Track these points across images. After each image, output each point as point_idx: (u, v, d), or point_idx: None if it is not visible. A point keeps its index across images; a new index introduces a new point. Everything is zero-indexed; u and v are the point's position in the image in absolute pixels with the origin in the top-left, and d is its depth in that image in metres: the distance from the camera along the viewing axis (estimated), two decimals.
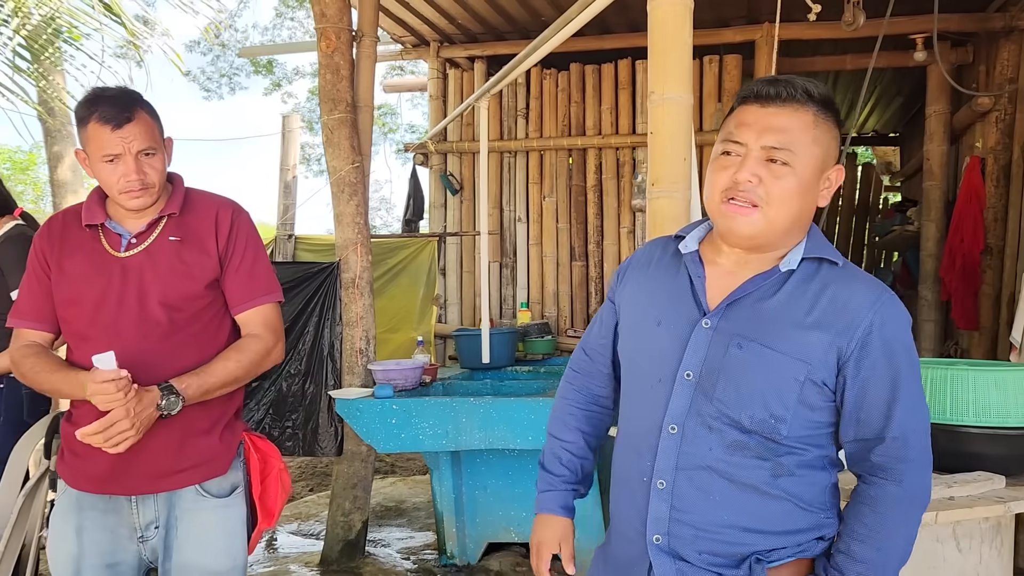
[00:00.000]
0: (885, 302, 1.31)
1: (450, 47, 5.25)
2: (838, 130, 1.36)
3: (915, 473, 1.30)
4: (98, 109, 1.80)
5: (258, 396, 3.94)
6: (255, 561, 4.14)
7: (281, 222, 5.22)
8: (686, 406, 1.33)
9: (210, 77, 20.18)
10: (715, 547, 1.32)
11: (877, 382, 1.29)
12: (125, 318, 1.85)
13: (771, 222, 1.29)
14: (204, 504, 1.89)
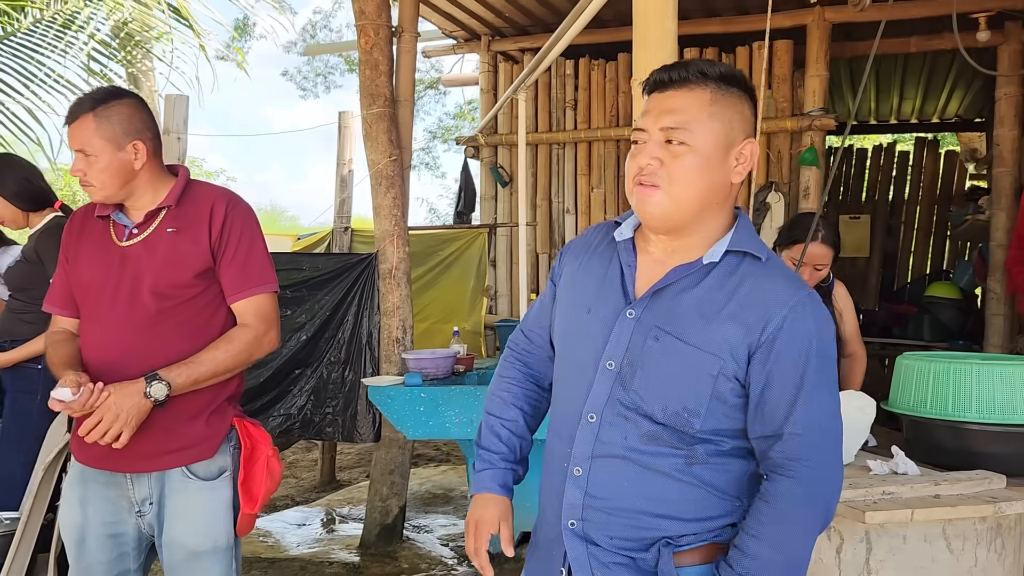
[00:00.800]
0: (800, 300, 1.29)
1: (501, 40, 5.28)
2: (748, 104, 1.34)
3: (814, 473, 1.27)
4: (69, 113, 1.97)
5: (300, 383, 4.10)
6: (303, 541, 4.31)
7: (338, 215, 5.38)
8: (605, 395, 1.33)
9: (306, 76, 20.87)
10: (626, 532, 1.32)
11: (781, 379, 1.27)
12: (118, 305, 1.95)
13: (675, 200, 1.29)
14: (190, 486, 1.96)
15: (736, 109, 1.32)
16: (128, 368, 1.90)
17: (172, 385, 1.88)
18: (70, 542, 2.02)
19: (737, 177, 1.33)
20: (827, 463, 1.29)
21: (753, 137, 1.36)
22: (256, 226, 2.10)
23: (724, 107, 1.31)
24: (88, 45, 4.89)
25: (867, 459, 2.10)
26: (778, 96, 4.50)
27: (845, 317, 2.90)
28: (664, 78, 1.33)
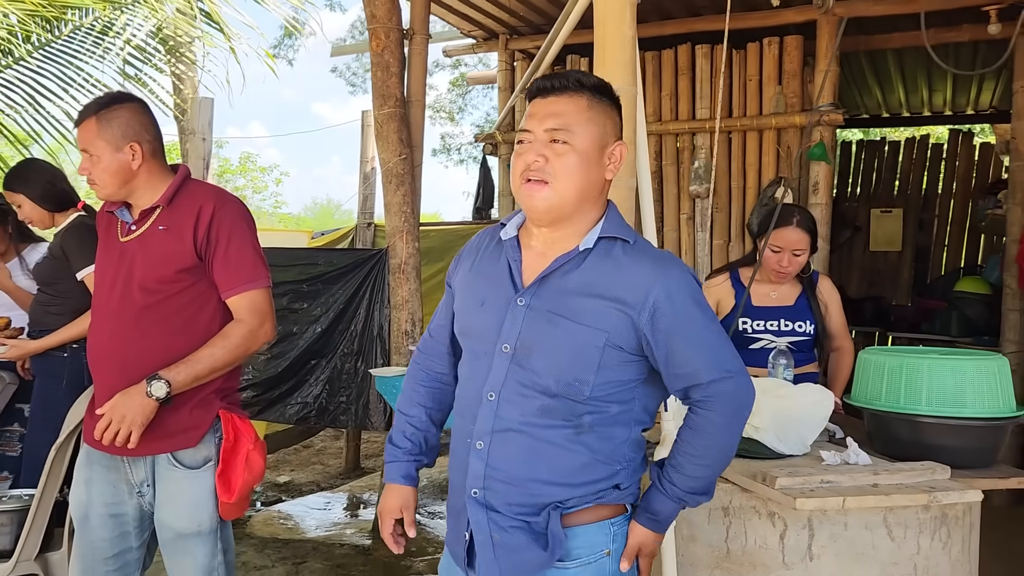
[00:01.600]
0: (667, 271, 1.47)
1: (518, 39, 5.38)
2: (616, 112, 1.54)
3: (729, 403, 1.48)
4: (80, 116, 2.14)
5: (316, 373, 4.28)
6: (321, 524, 4.50)
7: (361, 211, 5.56)
8: (503, 375, 1.48)
9: (355, 72, 21.23)
10: (521, 499, 1.48)
11: (677, 340, 1.45)
12: (112, 298, 2.12)
13: (560, 194, 1.46)
14: (176, 473, 2.10)
15: (608, 115, 1.51)
16: (113, 357, 2.06)
17: (172, 383, 2.01)
18: (75, 519, 2.20)
19: (610, 174, 1.52)
20: (738, 391, 1.49)
21: (622, 140, 1.53)
22: (246, 224, 2.21)
23: (598, 112, 1.49)
24: (124, 50, 5.14)
25: (821, 450, 2.17)
26: (788, 92, 4.51)
27: (831, 310, 2.94)
28: (547, 86, 1.49)
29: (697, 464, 1.50)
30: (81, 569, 2.18)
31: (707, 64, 4.71)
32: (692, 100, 4.80)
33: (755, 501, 2.00)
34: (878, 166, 7.32)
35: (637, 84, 2.22)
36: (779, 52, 4.55)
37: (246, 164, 22.45)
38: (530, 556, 1.47)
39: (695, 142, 4.78)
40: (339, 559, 3.80)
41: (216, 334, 2.13)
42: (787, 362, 2.58)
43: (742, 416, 1.50)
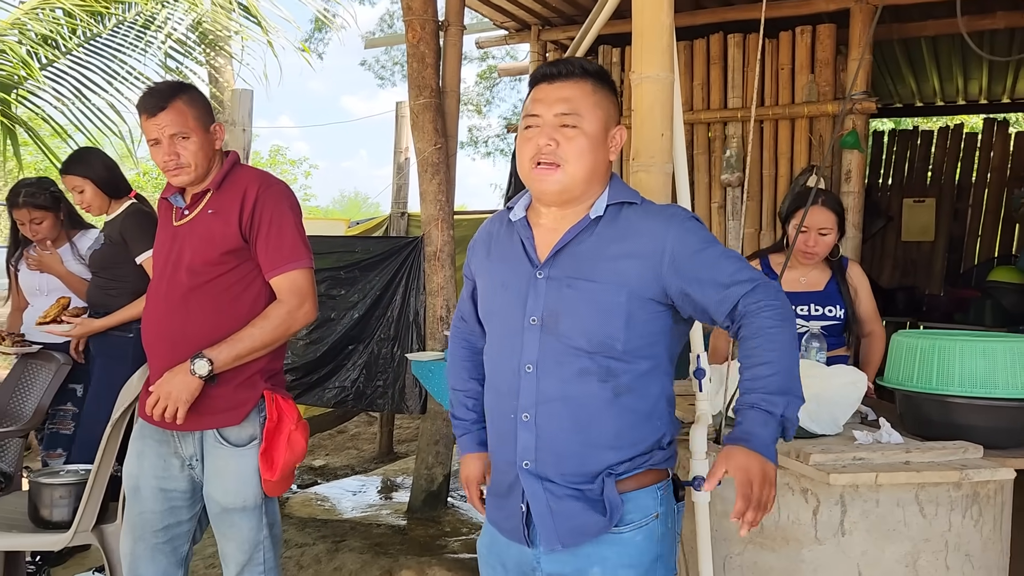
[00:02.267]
0: (673, 220, 1.58)
1: (551, 30, 5.43)
2: (615, 97, 1.64)
3: (768, 298, 1.52)
4: (141, 101, 2.17)
5: (353, 357, 4.38)
6: (357, 505, 4.61)
7: (395, 201, 5.65)
8: (536, 347, 1.55)
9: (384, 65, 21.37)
10: (574, 467, 1.54)
11: (703, 272, 1.53)
12: (163, 281, 2.22)
13: (572, 176, 1.55)
14: (222, 450, 2.19)
15: (609, 100, 1.61)
16: (163, 337, 2.16)
17: (215, 361, 2.09)
18: (127, 490, 2.29)
19: (612, 155, 1.62)
20: (770, 290, 1.53)
21: (621, 124, 1.64)
22: (289, 206, 2.26)
23: (602, 97, 1.59)
24: (165, 44, 5.27)
25: (853, 430, 2.21)
26: (820, 80, 4.52)
27: (861, 296, 2.96)
28: (553, 72, 1.58)
29: (765, 363, 1.49)
30: (132, 540, 2.26)
31: (739, 53, 4.73)
32: (724, 89, 4.82)
33: (788, 477, 2.05)
34: (911, 156, 7.27)
35: (675, 72, 2.27)
36: (812, 40, 4.56)
37: (276, 157, 22.73)
38: (588, 521, 1.54)
39: (727, 131, 4.81)
40: (376, 538, 3.90)
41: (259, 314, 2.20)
42: (820, 345, 2.62)
43: (787, 311, 1.53)
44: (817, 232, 2.84)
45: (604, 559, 1.55)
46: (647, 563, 1.57)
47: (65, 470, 2.92)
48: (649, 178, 2.22)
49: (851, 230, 4.35)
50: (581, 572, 1.57)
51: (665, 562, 1.61)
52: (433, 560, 3.49)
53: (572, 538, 1.55)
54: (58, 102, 4.96)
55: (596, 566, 1.56)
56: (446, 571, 3.37)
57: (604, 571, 1.55)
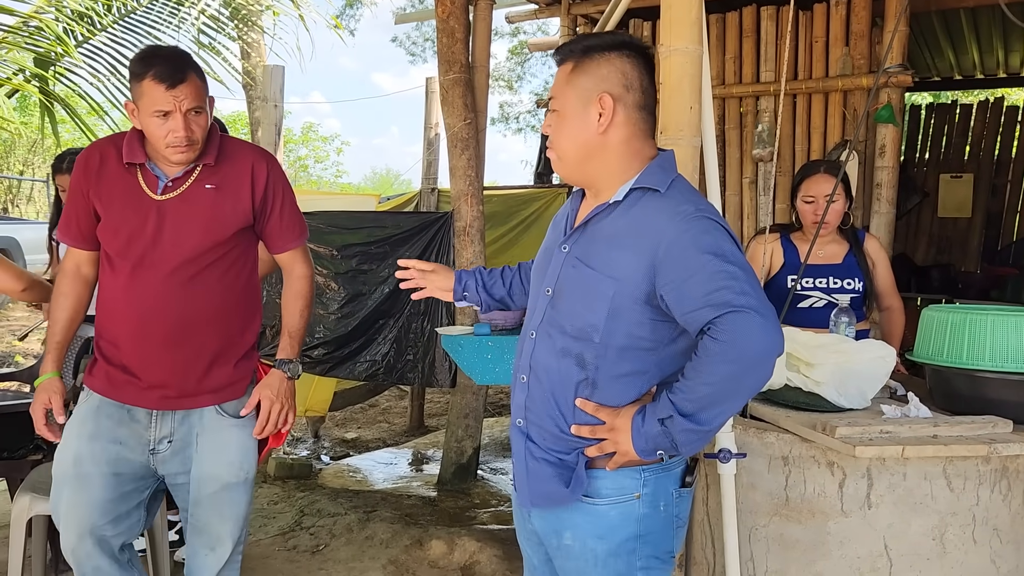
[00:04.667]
0: (683, 216, 1.47)
1: (581, 3, 5.38)
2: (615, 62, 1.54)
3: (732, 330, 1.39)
4: (154, 67, 1.94)
5: (384, 332, 4.43)
6: (388, 477, 4.68)
7: (425, 176, 5.67)
8: (541, 316, 1.61)
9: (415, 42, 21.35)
10: (551, 435, 1.60)
11: (687, 282, 1.43)
12: (157, 259, 2.04)
13: (561, 158, 1.60)
14: (223, 423, 2.13)
15: (593, 73, 1.54)
16: (163, 317, 2.04)
17: (296, 358, 2.23)
18: (69, 477, 2.05)
19: (602, 128, 1.53)
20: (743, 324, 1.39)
21: (612, 91, 1.52)
22: (288, 181, 2.27)
23: (580, 73, 1.55)
24: (199, 20, 5.31)
25: (881, 404, 2.21)
26: (855, 53, 4.44)
27: (879, 269, 2.95)
28: (555, 59, 1.62)
29: (688, 385, 1.43)
30: (76, 536, 2.05)
31: (772, 26, 4.67)
32: (756, 63, 4.76)
33: (814, 451, 2.06)
34: (948, 130, 7.14)
35: (703, 44, 2.25)
36: (847, 13, 4.48)
37: (308, 134, 22.85)
38: (554, 489, 1.59)
39: (759, 105, 4.75)
40: (407, 509, 3.97)
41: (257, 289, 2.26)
42: (849, 319, 2.61)
43: (745, 348, 1.39)
44: (823, 200, 2.84)
45: (575, 526, 1.59)
46: (620, 539, 1.58)
47: None
48: (677, 151, 2.19)
49: (885, 206, 4.30)
50: (556, 534, 1.63)
51: (650, 543, 1.59)
52: (463, 531, 3.55)
53: (539, 500, 1.61)
54: (94, 79, 5.03)
55: (568, 530, 1.60)
56: (475, 541, 3.42)
57: (574, 537, 1.60)
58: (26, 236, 11.17)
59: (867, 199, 4.39)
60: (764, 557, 2.13)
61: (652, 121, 1.61)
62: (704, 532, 2.27)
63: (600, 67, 1.55)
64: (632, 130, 1.55)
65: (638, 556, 1.59)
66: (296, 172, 21.47)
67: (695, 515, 2.28)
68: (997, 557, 2.02)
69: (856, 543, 2.03)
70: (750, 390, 1.45)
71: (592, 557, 1.59)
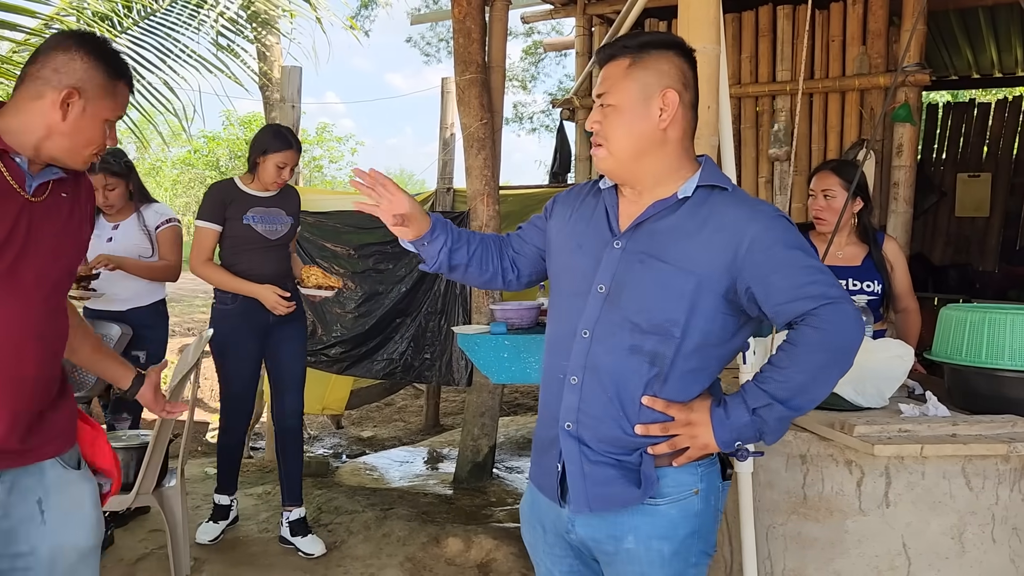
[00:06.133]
0: (760, 213, 1.51)
1: (596, 4, 5.40)
2: (669, 60, 1.56)
3: (829, 320, 1.45)
4: (126, 73, 1.70)
5: (401, 331, 4.46)
6: (404, 475, 4.70)
7: (440, 176, 5.69)
8: (597, 314, 1.57)
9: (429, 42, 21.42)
10: (612, 437, 1.56)
11: (773, 274, 1.47)
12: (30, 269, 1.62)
13: (614, 154, 1.56)
14: (71, 476, 1.72)
15: (653, 68, 1.54)
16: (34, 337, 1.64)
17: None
18: None
19: (663, 123, 1.54)
20: (839, 314, 1.45)
21: (674, 87, 1.54)
22: None
23: (640, 68, 1.54)
24: (217, 22, 5.36)
25: (899, 403, 2.21)
26: (872, 52, 4.43)
27: (897, 271, 2.95)
28: (603, 56, 1.61)
29: (784, 373, 1.48)
30: None
31: (788, 25, 4.66)
32: (773, 62, 4.75)
33: (832, 449, 2.06)
34: (966, 129, 7.10)
35: (721, 43, 2.26)
36: (863, 11, 4.47)
37: (323, 134, 22.96)
38: (619, 491, 1.55)
39: (775, 105, 4.74)
40: (423, 506, 3.99)
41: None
42: (866, 319, 2.60)
43: (842, 339, 1.46)
44: (822, 194, 2.90)
45: (637, 528, 1.57)
46: (681, 536, 1.57)
47: (127, 434, 3.05)
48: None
49: (902, 205, 4.29)
50: (615, 539, 1.59)
51: (702, 538, 1.60)
52: (479, 528, 3.56)
53: (601, 504, 1.57)
54: None
55: (630, 534, 1.57)
56: (491, 539, 3.44)
57: (637, 540, 1.57)
58: None
59: (884, 198, 4.38)
60: (782, 555, 2.13)
61: (696, 123, 1.63)
62: (721, 530, 2.28)
63: (660, 63, 1.55)
64: (687, 128, 1.59)
65: (693, 552, 1.59)
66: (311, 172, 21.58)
67: None
68: (1016, 556, 2.02)
69: (874, 542, 2.03)
70: (838, 378, 1.50)
71: (658, 559, 1.57)
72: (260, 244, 3.39)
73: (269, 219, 3.42)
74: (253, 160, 3.40)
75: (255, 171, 3.41)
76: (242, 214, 3.37)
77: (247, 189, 3.42)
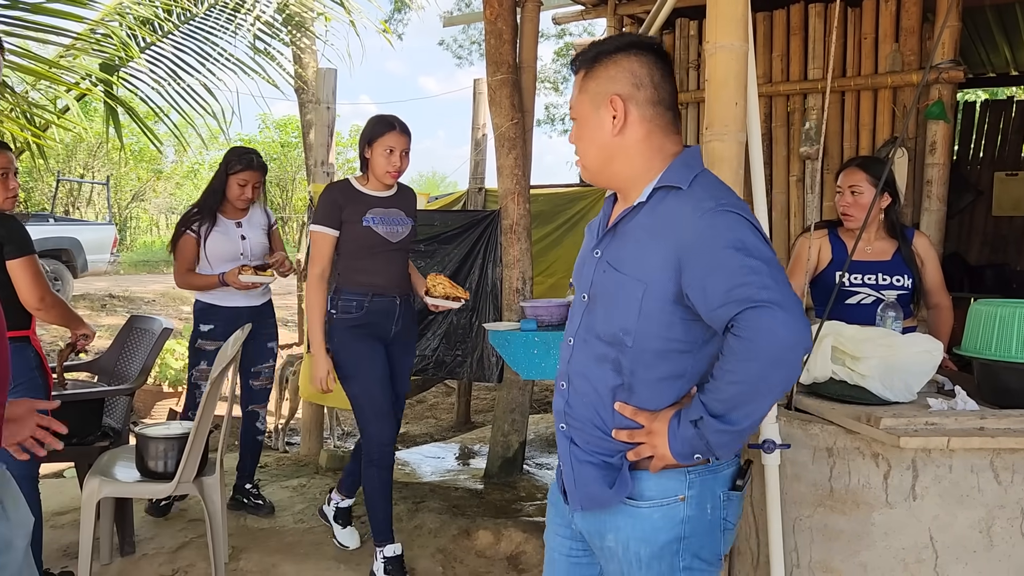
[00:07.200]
0: (703, 212, 1.44)
1: (627, 4, 5.43)
2: (618, 64, 1.55)
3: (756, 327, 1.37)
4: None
5: (433, 327, 4.52)
6: (436, 470, 4.76)
7: (472, 176, 5.76)
8: (579, 322, 1.63)
9: (461, 45, 21.56)
10: (594, 439, 1.61)
11: (710, 278, 1.41)
12: None
13: (587, 166, 1.63)
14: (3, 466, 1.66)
15: (602, 76, 1.56)
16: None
17: None
18: None
19: (616, 129, 1.54)
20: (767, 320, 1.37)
21: (620, 92, 1.54)
22: None
23: (590, 79, 1.58)
24: (254, 26, 5.47)
25: (928, 398, 2.22)
26: (905, 49, 4.41)
27: (928, 267, 2.94)
28: (571, 69, 1.66)
29: (715, 384, 1.44)
30: None
31: (820, 23, 4.65)
32: (804, 60, 4.75)
33: (859, 442, 2.08)
34: (1003, 127, 7.00)
35: (749, 41, 2.28)
36: (896, 8, 4.45)
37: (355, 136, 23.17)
38: (597, 491, 1.59)
39: (806, 103, 4.74)
40: (455, 500, 4.04)
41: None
42: (896, 314, 2.61)
43: (766, 345, 1.36)
44: (849, 190, 2.92)
45: (618, 528, 1.59)
46: (663, 542, 1.56)
47: (169, 424, 3.14)
48: (723, 147, 2.26)
49: (935, 203, 4.26)
50: (600, 536, 1.63)
51: (693, 545, 1.57)
52: (509, 522, 3.61)
53: (586, 503, 1.61)
54: (155, 83, 5.21)
55: (611, 533, 1.60)
56: (521, 532, 3.48)
57: (617, 540, 1.59)
58: (87, 237, 11.55)
59: (917, 196, 4.36)
60: (808, 547, 2.15)
61: (672, 116, 1.58)
62: (748, 522, 2.30)
63: (608, 70, 1.56)
64: (649, 127, 1.55)
65: (681, 558, 1.57)
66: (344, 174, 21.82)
67: None
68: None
69: (901, 534, 2.04)
70: (780, 387, 1.41)
71: (635, 560, 1.58)
72: (382, 248, 3.18)
73: (389, 220, 3.20)
74: (363, 156, 3.20)
75: (367, 168, 3.20)
76: (360, 216, 3.13)
77: (364, 189, 3.19)
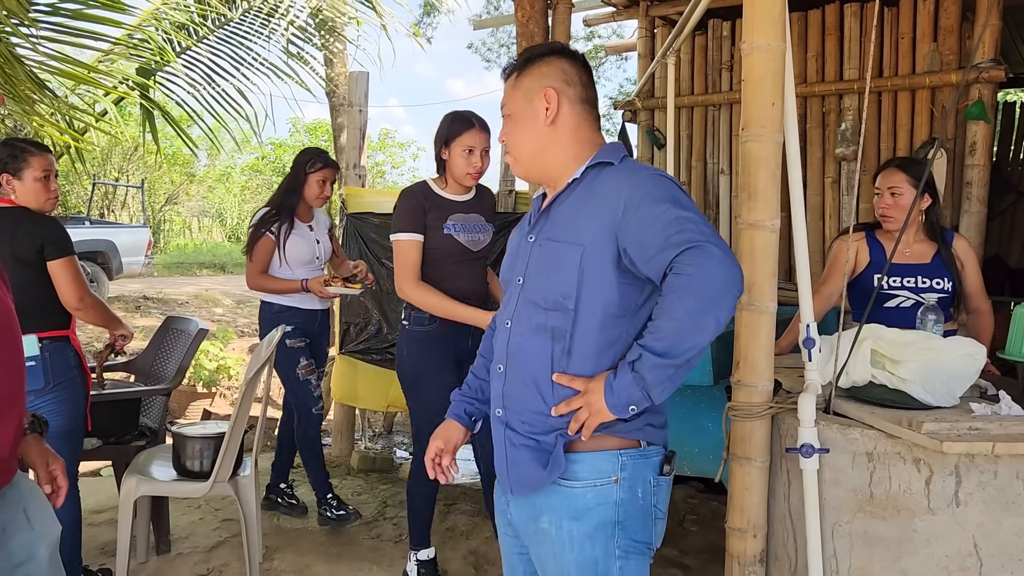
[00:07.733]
0: (636, 177, 1.58)
1: (659, 5, 5.40)
2: (547, 64, 1.69)
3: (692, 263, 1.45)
4: None
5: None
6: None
7: (502, 178, 5.75)
8: (515, 304, 1.68)
9: (490, 48, 21.62)
10: (531, 419, 1.64)
11: (646, 230, 1.51)
12: None
13: (519, 159, 1.73)
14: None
15: (535, 73, 1.69)
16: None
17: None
18: None
19: (550, 119, 1.67)
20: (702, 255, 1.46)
21: (554, 86, 1.66)
22: None
23: (523, 77, 1.70)
24: (288, 31, 5.53)
25: (971, 403, 2.17)
26: (944, 49, 4.33)
27: (968, 270, 2.88)
28: (502, 76, 1.75)
29: (655, 324, 1.49)
30: None
31: (856, 23, 4.59)
32: (840, 60, 4.69)
33: (900, 447, 2.04)
34: None
35: (787, 40, 2.26)
36: (935, 7, 4.38)
37: (385, 140, 23.33)
38: (531, 473, 1.62)
39: (842, 104, 4.68)
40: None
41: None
42: (936, 317, 2.57)
43: (706, 279, 1.45)
44: (888, 192, 2.89)
45: (552, 509, 1.62)
46: (596, 522, 1.60)
47: (206, 424, 3.18)
48: (759, 148, 2.24)
49: (975, 205, 4.18)
50: (534, 520, 1.65)
51: (627, 530, 1.62)
52: None
53: (520, 488, 1.65)
54: (190, 87, 5.29)
55: (545, 514, 1.63)
56: None
57: (551, 520, 1.62)
58: (122, 239, 11.73)
59: (956, 198, 4.28)
60: (847, 554, 2.12)
61: (596, 115, 1.73)
62: (786, 528, 2.27)
63: (540, 67, 1.69)
64: (579, 120, 1.68)
65: (616, 542, 1.61)
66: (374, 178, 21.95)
67: (776, 511, 2.28)
68: None
69: (943, 541, 2.00)
70: (713, 322, 1.46)
71: (568, 539, 1.61)
72: (462, 257, 2.99)
73: (470, 227, 3.00)
74: (439, 157, 2.97)
75: (444, 170, 2.98)
76: (442, 223, 2.93)
77: (443, 193, 2.98)
